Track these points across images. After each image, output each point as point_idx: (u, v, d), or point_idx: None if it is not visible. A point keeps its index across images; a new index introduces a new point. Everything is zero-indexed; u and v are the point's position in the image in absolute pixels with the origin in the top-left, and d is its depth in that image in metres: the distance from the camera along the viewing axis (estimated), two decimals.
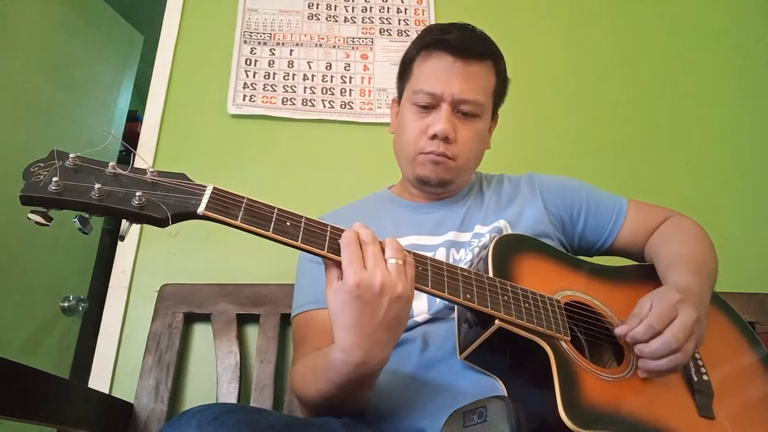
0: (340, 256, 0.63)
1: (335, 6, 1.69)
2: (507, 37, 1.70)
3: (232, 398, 1.13)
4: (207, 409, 0.58)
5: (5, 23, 1.56)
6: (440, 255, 0.92)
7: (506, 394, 0.74)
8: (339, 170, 1.50)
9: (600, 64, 1.71)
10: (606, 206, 1.01)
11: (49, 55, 1.71)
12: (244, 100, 1.54)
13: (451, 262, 0.90)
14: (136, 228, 1.38)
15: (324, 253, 0.63)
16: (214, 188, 0.63)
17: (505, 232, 0.92)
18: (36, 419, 0.74)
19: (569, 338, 0.73)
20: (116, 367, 1.26)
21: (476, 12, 1.72)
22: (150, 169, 0.61)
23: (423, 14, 1.71)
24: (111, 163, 0.60)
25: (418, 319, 0.86)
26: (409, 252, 0.67)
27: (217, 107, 1.54)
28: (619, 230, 0.99)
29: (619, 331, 0.75)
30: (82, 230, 0.59)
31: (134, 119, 2.41)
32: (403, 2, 1.72)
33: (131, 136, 2.16)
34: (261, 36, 1.63)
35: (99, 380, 1.24)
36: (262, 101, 1.55)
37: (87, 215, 0.59)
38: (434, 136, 0.92)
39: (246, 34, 1.63)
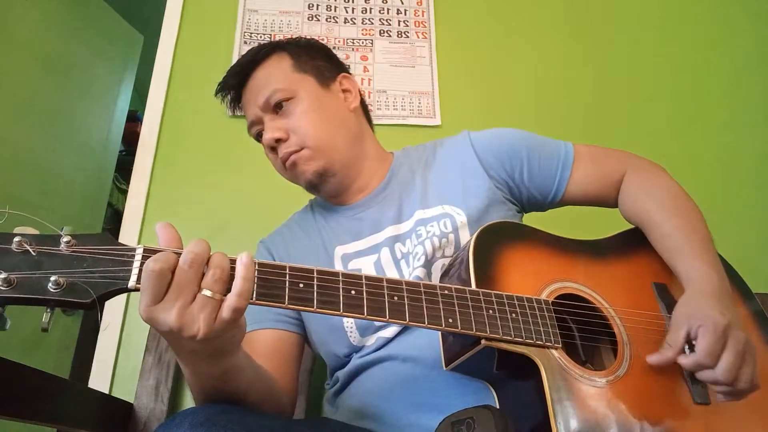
0: (301, 305, 0.57)
1: (335, 7, 1.69)
2: (508, 36, 1.71)
3: None
4: (200, 409, 0.58)
5: (5, 23, 1.56)
6: (385, 254, 0.87)
7: (497, 401, 0.72)
8: None
9: (605, 63, 1.71)
10: (550, 158, 0.93)
11: (49, 55, 1.71)
12: None
13: (399, 257, 0.87)
14: (137, 227, 1.38)
15: (285, 305, 0.57)
16: (145, 249, 0.54)
17: (458, 221, 0.87)
18: (36, 419, 0.74)
19: (560, 345, 0.71)
20: (116, 367, 1.26)
21: (476, 12, 1.73)
22: (64, 238, 0.51)
23: (423, 15, 1.71)
24: (17, 236, 0.50)
25: (386, 334, 0.82)
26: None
27: (217, 108, 1.53)
28: (567, 182, 0.92)
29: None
30: None
31: (134, 119, 2.41)
32: (402, 3, 1.72)
33: (131, 136, 2.16)
34: (261, 37, 1.63)
35: (99, 380, 1.24)
36: None
37: (0, 309, 0.49)
38: (272, 149, 0.92)
39: (246, 34, 1.63)
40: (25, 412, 0.71)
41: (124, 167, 1.94)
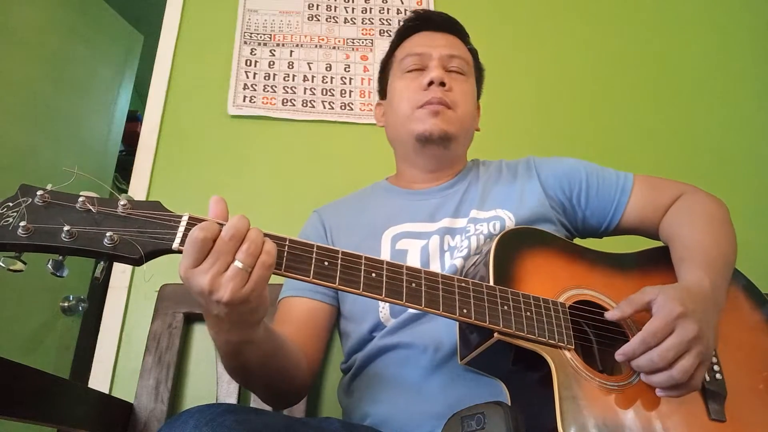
0: (324, 281, 0.62)
1: (335, 7, 1.69)
2: (508, 36, 1.71)
3: (232, 398, 1.13)
4: (205, 409, 0.58)
5: (6, 23, 1.56)
6: (434, 242, 0.90)
7: (509, 397, 0.72)
8: (339, 171, 1.50)
9: (605, 62, 1.71)
10: (609, 184, 0.96)
11: (49, 55, 1.71)
12: (244, 101, 1.54)
13: (446, 248, 0.90)
14: None
15: (309, 279, 0.62)
16: (190, 217, 0.60)
17: (508, 224, 0.89)
18: (36, 419, 0.74)
19: (572, 347, 0.71)
20: (116, 367, 1.26)
21: (475, 11, 1.72)
22: (121, 202, 0.58)
23: None
24: (81, 197, 0.57)
25: (389, 325, 0.85)
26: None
27: (217, 108, 1.54)
28: (625, 208, 0.94)
29: (608, 315, 0.72)
30: (54, 274, 0.56)
31: (134, 119, 2.41)
32: (402, 3, 1.72)
33: (131, 136, 2.16)
34: (261, 37, 1.63)
35: (99, 380, 1.24)
36: (263, 102, 1.55)
37: (60, 257, 0.56)
38: (430, 83, 0.95)
39: (246, 34, 1.63)
40: (25, 412, 0.72)
41: (124, 167, 1.94)
